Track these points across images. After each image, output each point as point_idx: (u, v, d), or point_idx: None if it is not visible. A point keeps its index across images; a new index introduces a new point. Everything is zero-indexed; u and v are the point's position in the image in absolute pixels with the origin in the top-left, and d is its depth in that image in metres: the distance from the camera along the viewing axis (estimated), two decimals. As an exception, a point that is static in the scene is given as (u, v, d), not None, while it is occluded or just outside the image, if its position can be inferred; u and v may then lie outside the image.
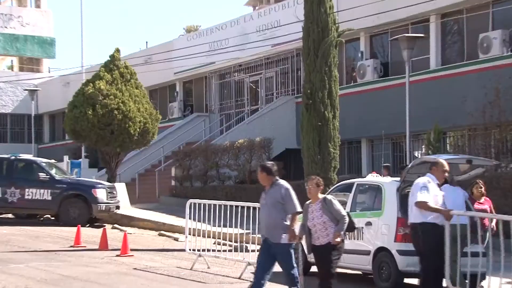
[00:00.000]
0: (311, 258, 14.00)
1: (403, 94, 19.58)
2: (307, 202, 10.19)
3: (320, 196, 10.06)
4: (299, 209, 10.04)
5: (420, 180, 10.99)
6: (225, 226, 14.94)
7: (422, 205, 10.62)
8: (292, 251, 10.17)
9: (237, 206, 14.42)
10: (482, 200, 12.31)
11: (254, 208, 13.78)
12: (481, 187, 12.36)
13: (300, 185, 22.95)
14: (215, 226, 15.04)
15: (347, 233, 10.89)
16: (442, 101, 24.76)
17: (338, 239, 9.79)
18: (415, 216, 10.86)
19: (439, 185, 11.00)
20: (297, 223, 10.09)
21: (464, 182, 12.39)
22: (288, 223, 9.86)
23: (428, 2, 24.67)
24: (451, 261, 10.86)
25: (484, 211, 12.04)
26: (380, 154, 28.00)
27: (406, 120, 19.17)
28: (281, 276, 10.40)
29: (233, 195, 22.92)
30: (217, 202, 15.39)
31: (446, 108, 24.47)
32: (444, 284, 10.92)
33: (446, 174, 11.18)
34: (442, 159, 11.42)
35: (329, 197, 10.09)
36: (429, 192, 10.68)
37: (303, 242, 10.93)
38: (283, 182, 10.17)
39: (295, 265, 10.12)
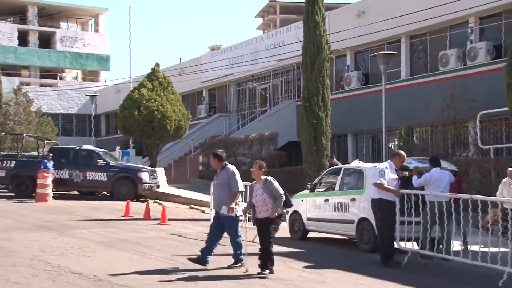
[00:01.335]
0: (308, 226, 14.16)
1: (380, 99, 19.55)
2: (253, 182, 9.75)
3: (263, 177, 9.54)
4: (240, 188, 9.81)
5: (380, 166, 11.24)
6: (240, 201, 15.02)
7: (379, 186, 10.85)
8: (238, 223, 9.96)
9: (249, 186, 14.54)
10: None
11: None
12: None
13: (299, 170, 23.06)
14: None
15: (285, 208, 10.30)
16: (410, 104, 24.73)
17: (275, 214, 9.37)
18: (373, 193, 11.07)
19: (396, 170, 11.20)
20: (237, 200, 9.80)
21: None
22: (236, 199, 9.74)
23: (400, 27, 24.72)
24: (423, 229, 10.95)
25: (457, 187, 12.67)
26: (362, 146, 28.00)
27: (383, 119, 19.15)
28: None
29: (247, 178, 23.00)
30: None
31: (413, 109, 24.42)
32: (395, 244, 11.09)
33: (404, 163, 11.39)
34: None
35: (270, 178, 9.52)
36: (385, 176, 10.87)
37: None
38: (230, 166, 9.98)
39: (240, 234, 9.90)
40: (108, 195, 24.14)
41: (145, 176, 23.19)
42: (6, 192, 24.90)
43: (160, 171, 25.84)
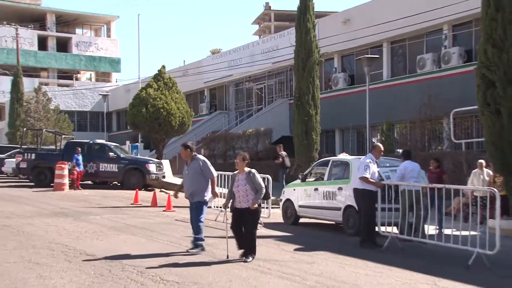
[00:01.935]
0: (300, 212, 14.14)
1: (364, 97, 19.54)
2: (235, 172, 9.22)
3: (246, 169, 9.00)
4: (215, 174, 9.51)
5: (365, 160, 11.22)
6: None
7: (364, 180, 10.86)
8: (205, 209, 9.57)
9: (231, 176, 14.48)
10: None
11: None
12: (431, 164, 13.40)
13: (291, 162, 23.03)
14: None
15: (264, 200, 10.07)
16: (391, 102, 24.75)
17: (256, 205, 8.85)
18: (357, 184, 11.09)
19: (376, 162, 11.27)
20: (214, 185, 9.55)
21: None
22: (207, 186, 9.44)
23: (381, 33, 24.74)
24: (402, 215, 10.95)
25: (438, 177, 12.88)
26: (348, 140, 28.05)
27: (366, 116, 19.15)
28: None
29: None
30: (234, 172, 15.39)
31: (394, 107, 24.46)
32: (376, 229, 11.16)
33: (381, 154, 11.51)
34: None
35: (253, 171, 8.98)
36: (370, 170, 10.91)
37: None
38: (200, 156, 9.66)
39: (203, 220, 9.49)
40: (118, 184, 24.15)
41: (152, 167, 23.18)
42: (27, 181, 24.87)
43: (166, 163, 25.81)
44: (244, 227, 8.92)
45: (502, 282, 8.06)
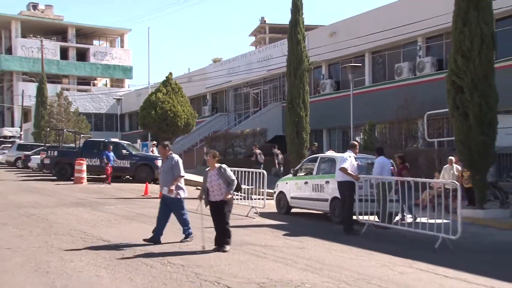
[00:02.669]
0: (291, 203, 14.12)
1: (348, 101, 19.56)
2: (207, 169, 8.69)
3: (217, 165, 8.52)
4: (182, 173, 8.99)
5: (344, 155, 11.40)
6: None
7: (343, 170, 10.97)
8: (183, 204, 9.14)
9: (245, 171, 14.43)
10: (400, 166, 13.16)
11: (256, 173, 13.88)
12: (396, 160, 13.24)
13: (284, 158, 23.02)
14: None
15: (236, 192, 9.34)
16: (372, 105, 24.76)
17: (229, 196, 8.46)
18: (339, 176, 11.17)
19: (356, 158, 11.43)
20: (178, 183, 9.03)
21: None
22: (177, 183, 8.99)
23: (364, 44, 24.74)
24: (381, 204, 10.96)
25: (399, 173, 12.65)
26: (334, 139, 28.09)
27: (351, 117, 19.16)
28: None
29: (242, 165, 22.92)
30: (232, 169, 15.36)
31: (375, 110, 24.47)
32: (354, 217, 11.23)
33: (357, 150, 11.72)
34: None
35: (224, 166, 8.55)
36: (349, 162, 11.02)
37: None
38: (175, 155, 9.19)
39: (185, 212, 9.14)
40: (131, 178, 24.04)
41: (160, 163, 23.04)
42: (50, 175, 24.79)
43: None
44: (219, 218, 8.54)
45: (464, 264, 8.08)
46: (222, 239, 8.48)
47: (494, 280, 7.03)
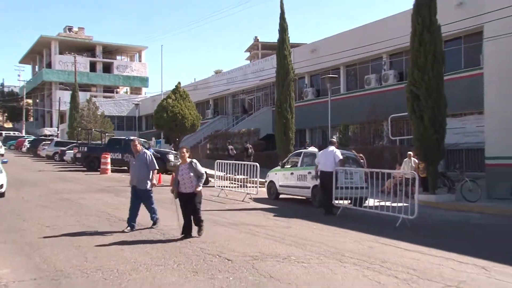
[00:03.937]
0: (280, 190, 14.06)
1: (327, 106, 19.58)
2: (179, 163, 7.90)
3: (188, 159, 7.70)
4: (156, 167, 8.36)
5: (336, 150, 11.19)
6: (235, 174, 14.88)
7: (342, 162, 10.92)
8: (152, 195, 8.45)
9: (241, 164, 14.43)
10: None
11: (251, 165, 13.84)
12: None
13: (274, 153, 23.02)
14: (230, 173, 15.00)
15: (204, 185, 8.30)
16: (347, 109, 24.77)
17: (199, 189, 7.58)
18: (328, 167, 10.95)
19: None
20: (156, 176, 8.40)
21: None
22: (150, 176, 8.29)
23: (339, 59, 24.72)
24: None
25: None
26: (315, 137, 28.04)
27: (328, 119, 19.17)
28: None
29: (238, 159, 22.95)
30: (230, 162, 15.36)
31: (348, 112, 24.47)
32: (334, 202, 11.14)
33: (337, 146, 11.62)
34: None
35: (194, 160, 7.72)
36: (340, 155, 10.97)
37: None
38: (146, 150, 8.47)
39: (154, 201, 8.49)
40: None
41: (171, 157, 22.98)
42: (81, 167, 24.66)
43: (181, 154, 25.65)
44: (191, 208, 7.67)
45: (420, 239, 8.11)
46: (198, 225, 7.74)
47: (444, 251, 7.07)
